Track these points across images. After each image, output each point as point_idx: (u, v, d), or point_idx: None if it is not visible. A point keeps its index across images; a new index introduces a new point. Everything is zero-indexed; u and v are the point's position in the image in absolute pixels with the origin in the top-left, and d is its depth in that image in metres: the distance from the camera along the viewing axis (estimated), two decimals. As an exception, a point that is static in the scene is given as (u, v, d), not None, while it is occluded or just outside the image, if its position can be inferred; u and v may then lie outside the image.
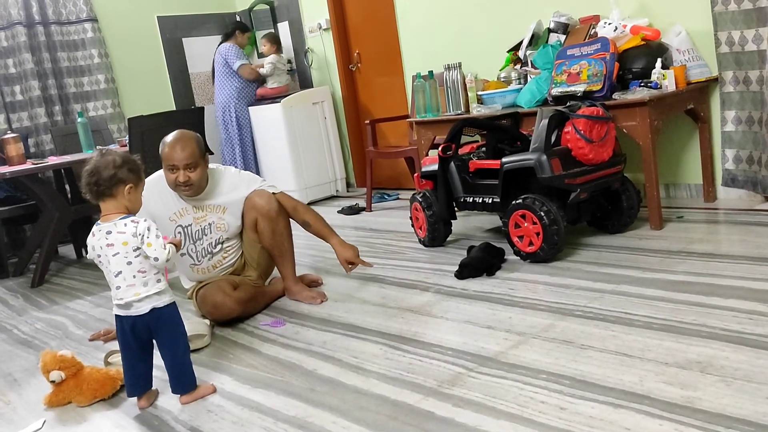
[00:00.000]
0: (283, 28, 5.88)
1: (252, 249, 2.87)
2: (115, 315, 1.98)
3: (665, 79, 3.09)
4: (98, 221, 1.98)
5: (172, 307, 2.01)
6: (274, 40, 5.58)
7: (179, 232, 2.73)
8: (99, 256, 1.96)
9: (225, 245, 2.83)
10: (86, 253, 2.00)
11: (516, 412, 1.67)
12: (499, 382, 1.84)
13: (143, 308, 1.94)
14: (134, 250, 1.93)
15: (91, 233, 1.97)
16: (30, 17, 5.16)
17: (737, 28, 3.11)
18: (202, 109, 4.31)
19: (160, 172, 2.72)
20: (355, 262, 2.89)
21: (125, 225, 1.93)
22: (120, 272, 1.93)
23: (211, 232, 2.78)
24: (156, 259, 1.93)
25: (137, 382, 2.04)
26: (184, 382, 2.04)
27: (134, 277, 1.93)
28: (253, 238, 2.85)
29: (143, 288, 1.94)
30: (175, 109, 5.82)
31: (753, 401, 1.55)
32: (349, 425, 1.74)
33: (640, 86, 3.09)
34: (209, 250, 2.79)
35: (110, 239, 1.93)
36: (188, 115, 4.24)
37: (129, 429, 1.95)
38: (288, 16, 5.81)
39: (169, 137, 2.64)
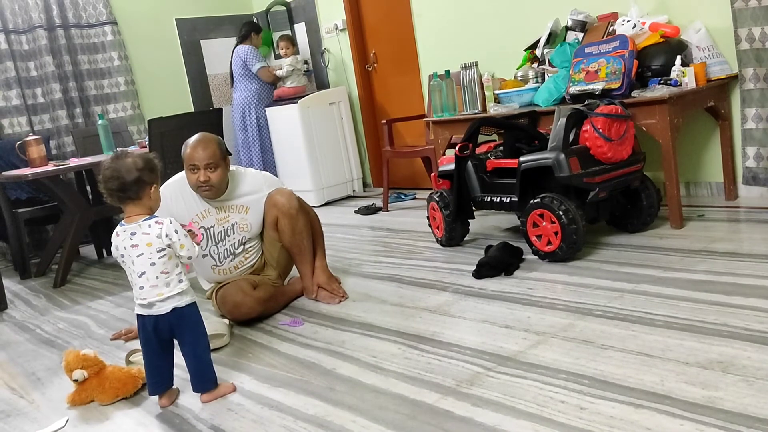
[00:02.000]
0: (300, 29, 5.90)
1: (272, 248, 2.89)
2: (137, 314, 2.01)
3: (685, 77, 3.06)
4: (122, 222, 2.00)
5: (193, 306, 2.03)
6: (293, 42, 5.61)
7: (201, 234, 2.75)
8: (123, 256, 1.99)
9: (247, 246, 2.85)
10: (110, 253, 2.02)
11: (535, 411, 1.67)
12: (518, 382, 1.84)
13: (165, 308, 1.97)
14: (158, 251, 1.95)
15: (115, 233, 2.00)
16: (50, 20, 5.23)
17: (758, 25, 3.07)
18: (220, 110, 4.35)
19: (182, 174, 2.75)
20: (326, 288, 2.88)
21: (149, 226, 1.96)
22: (143, 273, 1.95)
23: (234, 233, 2.80)
24: (189, 257, 2.01)
25: (159, 381, 2.06)
26: (205, 381, 2.06)
27: (157, 278, 1.95)
28: (274, 237, 2.87)
29: (166, 288, 1.96)
30: (193, 110, 5.87)
31: (776, 401, 1.54)
32: (368, 424, 1.75)
33: (659, 84, 3.06)
34: (231, 251, 2.81)
35: (134, 240, 1.95)
36: (207, 117, 4.27)
37: (151, 427, 1.97)
38: (305, 16, 5.83)
39: (191, 139, 2.68)
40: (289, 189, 2.90)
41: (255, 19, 6.17)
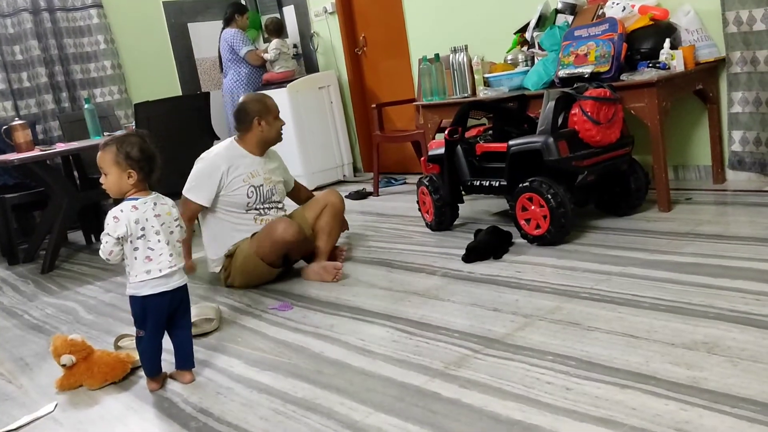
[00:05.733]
0: (289, 12, 5.85)
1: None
2: (150, 295, 1.97)
3: (673, 60, 3.06)
4: (131, 197, 1.98)
5: None
6: (275, 29, 5.55)
7: (252, 192, 2.97)
8: (143, 228, 1.96)
9: (282, 206, 3.13)
10: (98, 238, 2.00)
11: (522, 392, 1.68)
12: (505, 364, 1.85)
13: (184, 278, 2.06)
14: (175, 220, 2.04)
15: (127, 207, 1.96)
16: (36, 3, 5.16)
17: (745, 8, 3.07)
18: (207, 94, 4.31)
19: (225, 143, 3.06)
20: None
21: (162, 197, 2.05)
22: (168, 241, 2.00)
23: (276, 193, 3.08)
24: (185, 231, 2.14)
25: (159, 362, 2.08)
26: (192, 358, 2.12)
27: (175, 246, 2.04)
28: (309, 217, 3.09)
29: (179, 258, 2.05)
30: (181, 94, 5.82)
31: (759, 381, 1.55)
32: (356, 406, 1.76)
33: (648, 67, 3.06)
34: (274, 206, 3.07)
35: (157, 210, 2.00)
36: (194, 101, 4.24)
37: (140, 411, 1.97)
38: None
39: (259, 95, 3.06)
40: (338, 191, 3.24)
41: (243, 1, 6.11)
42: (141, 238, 1.97)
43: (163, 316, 2.02)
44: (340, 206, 3.14)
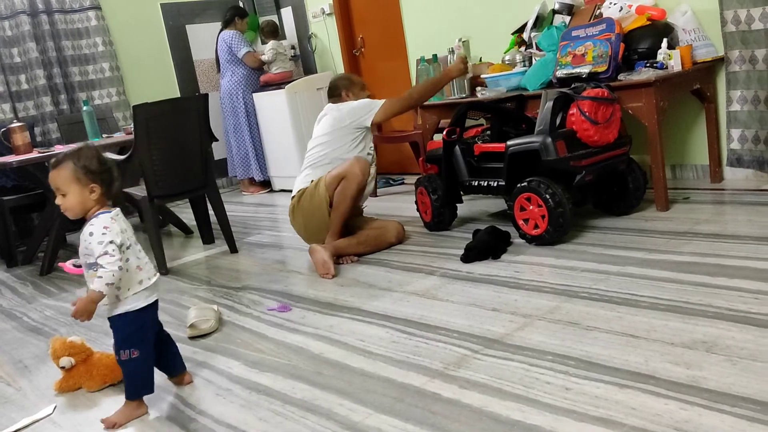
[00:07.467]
0: (287, 14, 5.85)
1: None
2: (145, 306, 1.90)
3: (671, 60, 3.07)
4: (105, 211, 1.88)
5: None
6: (270, 31, 5.55)
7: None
8: (129, 239, 1.89)
9: None
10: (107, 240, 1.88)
11: (521, 393, 1.68)
12: (504, 364, 1.85)
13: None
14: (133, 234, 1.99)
15: (112, 219, 1.85)
16: (34, 6, 5.16)
17: (744, 7, 3.08)
18: (206, 95, 4.30)
19: None
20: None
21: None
22: (141, 250, 1.95)
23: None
24: None
25: (152, 376, 1.97)
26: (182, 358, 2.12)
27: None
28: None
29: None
30: (179, 96, 5.82)
31: (758, 380, 1.55)
32: (355, 407, 1.76)
33: (645, 67, 3.06)
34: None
35: (126, 221, 1.95)
36: (193, 102, 4.22)
37: (139, 413, 1.97)
38: (291, 1, 5.77)
39: (346, 74, 3.84)
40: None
41: (241, 4, 6.11)
42: (129, 249, 1.88)
43: (156, 327, 1.99)
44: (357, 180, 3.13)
